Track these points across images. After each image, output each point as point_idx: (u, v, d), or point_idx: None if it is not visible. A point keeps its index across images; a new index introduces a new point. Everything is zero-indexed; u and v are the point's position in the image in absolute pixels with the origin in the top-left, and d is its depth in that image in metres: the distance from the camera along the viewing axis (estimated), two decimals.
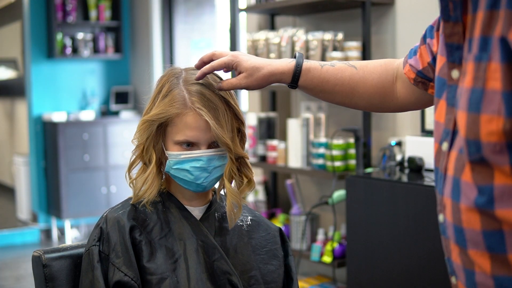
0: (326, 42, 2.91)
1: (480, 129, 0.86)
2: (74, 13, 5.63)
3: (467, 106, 0.89)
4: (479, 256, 0.91)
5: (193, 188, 1.35)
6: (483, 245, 0.90)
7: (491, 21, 0.86)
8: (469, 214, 0.91)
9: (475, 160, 0.89)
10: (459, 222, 0.93)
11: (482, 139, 0.87)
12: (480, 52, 0.88)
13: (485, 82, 0.86)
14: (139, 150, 1.37)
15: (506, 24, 0.83)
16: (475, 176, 0.90)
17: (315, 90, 1.34)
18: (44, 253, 1.37)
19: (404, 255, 2.36)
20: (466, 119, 0.89)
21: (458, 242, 0.95)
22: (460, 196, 0.93)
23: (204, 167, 1.32)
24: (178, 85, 1.34)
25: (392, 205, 2.39)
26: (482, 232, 0.90)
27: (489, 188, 0.88)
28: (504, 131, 0.84)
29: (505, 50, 0.83)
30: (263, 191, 3.46)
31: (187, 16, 5.66)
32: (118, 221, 1.32)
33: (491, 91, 0.85)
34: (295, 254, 3.03)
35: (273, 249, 1.43)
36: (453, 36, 0.97)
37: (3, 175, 7.64)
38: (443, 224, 1.00)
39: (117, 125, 5.62)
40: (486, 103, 0.86)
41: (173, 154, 1.33)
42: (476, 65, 0.88)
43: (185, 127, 1.31)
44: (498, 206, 0.87)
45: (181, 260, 1.32)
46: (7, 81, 7.20)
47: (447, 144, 0.98)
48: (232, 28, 3.37)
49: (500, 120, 0.84)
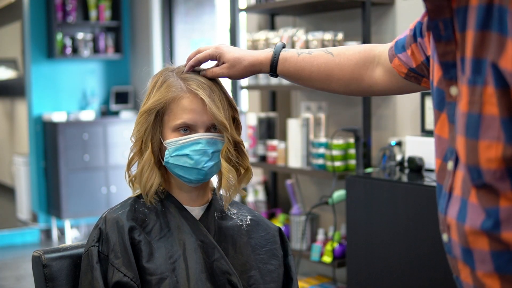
0: (326, 42, 2.91)
1: (479, 156, 0.85)
2: (74, 13, 5.63)
3: (465, 131, 0.87)
4: (487, 277, 0.90)
5: (194, 176, 1.34)
6: (492, 266, 0.88)
7: (483, 43, 0.84)
8: (475, 237, 0.90)
9: (479, 185, 0.88)
10: (466, 244, 0.91)
11: (481, 166, 0.85)
12: (474, 75, 0.85)
13: (481, 106, 0.84)
14: (138, 146, 1.37)
15: (496, 49, 0.80)
16: (480, 199, 0.88)
17: (293, 78, 1.39)
18: (44, 253, 1.37)
19: (404, 255, 2.36)
20: (465, 145, 0.88)
21: (466, 263, 0.93)
22: (466, 218, 0.91)
23: (204, 149, 1.33)
24: (173, 75, 1.38)
25: (392, 205, 2.39)
26: (491, 252, 0.88)
27: (495, 210, 0.86)
28: (504, 158, 0.82)
29: (498, 76, 0.81)
30: (263, 191, 3.46)
31: (187, 16, 5.66)
32: (117, 221, 1.32)
33: (489, 116, 0.83)
34: (295, 254, 3.03)
35: (273, 249, 1.43)
36: (447, 55, 0.95)
37: (3, 175, 7.65)
38: (448, 243, 0.98)
39: (117, 125, 5.62)
40: (484, 129, 0.84)
41: (171, 141, 1.34)
42: (470, 89, 0.86)
43: (182, 111, 1.33)
44: (504, 229, 0.86)
45: (181, 260, 1.32)
46: (7, 81, 7.21)
47: (452, 164, 0.96)
48: (232, 28, 3.37)
49: (500, 146, 0.82)
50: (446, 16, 0.92)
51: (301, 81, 1.39)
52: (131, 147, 1.40)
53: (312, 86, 1.40)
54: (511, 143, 0.81)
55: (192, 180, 1.35)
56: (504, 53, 0.79)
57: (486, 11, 0.83)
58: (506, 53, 0.78)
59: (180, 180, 1.38)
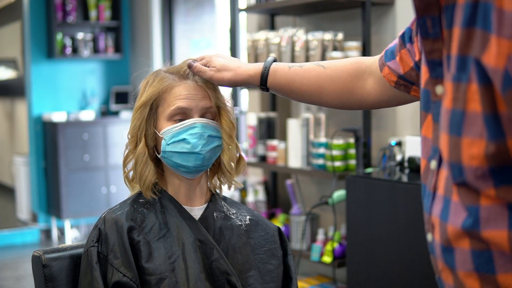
0: (326, 42, 2.91)
1: (462, 153, 0.84)
2: (74, 13, 5.63)
3: (449, 128, 0.87)
4: (468, 277, 0.89)
5: (192, 162, 1.35)
6: (472, 265, 0.88)
7: (468, 41, 0.83)
8: (456, 235, 0.89)
9: (460, 183, 0.87)
10: (447, 243, 0.91)
11: (464, 163, 0.84)
12: (459, 72, 0.85)
13: (465, 103, 0.83)
14: (133, 143, 1.38)
15: (479, 45, 0.80)
16: (461, 197, 0.88)
17: (284, 91, 1.37)
18: (44, 253, 1.37)
19: (404, 255, 2.36)
20: (448, 141, 0.87)
21: (447, 263, 0.93)
22: (448, 217, 0.90)
23: (200, 132, 1.35)
24: (164, 72, 1.41)
25: (392, 205, 2.39)
26: (471, 252, 0.88)
27: (476, 209, 0.86)
28: (486, 155, 0.82)
29: (480, 72, 0.80)
30: (263, 191, 3.46)
31: (187, 16, 5.66)
32: (116, 221, 1.33)
33: (472, 113, 0.82)
34: (295, 254, 3.03)
35: (272, 249, 1.43)
36: (433, 53, 0.94)
37: (3, 175, 7.64)
38: (432, 243, 0.97)
39: (117, 125, 5.62)
40: (468, 125, 0.83)
41: (167, 129, 1.35)
42: (455, 85, 0.86)
43: (176, 98, 1.36)
44: (484, 227, 0.85)
45: (180, 260, 1.32)
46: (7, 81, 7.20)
47: (435, 163, 0.95)
48: (232, 28, 3.37)
49: (482, 143, 0.81)
50: (434, 13, 0.92)
51: (292, 94, 1.37)
52: (126, 144, 1.41)
53: (303, 99, 1.38)
54: (493, 140, 0.80)
55: (191, 167, 1.35)
56: (487, 49, 0.78)
57: (472, 8, 0.82)
58: (489, 49, 0.78)
59: (179, 174, 1.38)
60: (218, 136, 1.38)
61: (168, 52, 5.62)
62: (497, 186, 0.83)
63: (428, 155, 0.99)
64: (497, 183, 0.83)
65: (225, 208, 1.45)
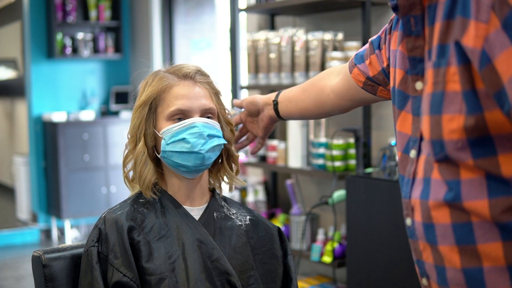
0: (326, 42, 2.91)
1: (442, 129, 0.92)
2: (74, 13, 5.63)
3: (429, 110, 0.95)
4: (448, 250, 0.95)
5: (192, 162, 1.35)
6: (453, 238, 0.94)
7: (448, 30, 0.92)
8: (438, 210, 0.96)
9: (441, 159, 0.94)
10: (429, 219, 0.97)
11: (444, 138, 0.92)
12: (438, 59, 0.93)
13: (445, 85, 0.91)
14: (133, 142, 1.39)
15: (459, 29, 0.89)
16: (442, 173, 0.95)
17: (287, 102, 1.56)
18: (44, 253, 1.37)
19: (404, 255, 2.36)
20: (429, 121, 0.95)
21: (428, 240, 0.98)
22: (429, 194, 0.97)
23: (200, 132, 1.35)
24: (163, 72, 1.41)
25: (392, 205, 2.39)
26: (452, 225, 0.94)
27: (456, 182, 0.93)
28: (465, 128, 0.89)
29: (460, 53, 0.89)
30: (263, 191, 3.46)
31: (187, 16, 5.66)
32: (116, 221, 1.33)
33: (451, 92, 0.91)
34: (295, 254, 3.03)
35: (272, 249, 1.43)
36: (415, 50, 1.02)
37: (3, 175, 7.65)
38: (411, 227, 1.04)
39: (117, 125, 5.62)
40: (447, 104, 0.91)
41: (166, 129, 1.36)
42: (435, 71, 0.93)
43: (175, 98, 1.36)
44: (466, 198, 0.92)
45: (180, 260, 1.32)
46: (7, 81, 7.21)
47: (415, 152, 1.03)
48: (232, 28, 3.37)
49: (461, 118, 0.89)
50: (417, 13, 1.00)
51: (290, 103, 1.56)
52: (126, 144, 1.41)
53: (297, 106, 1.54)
54: (471, 114, 0.88)
55: (190, 166, 1.35)
56: (466, 32, 0.87)
57: (451, 2, 0.92)
58: (468, 32, 0.87)
59: (179, 174, 1.39)
60: (218, 136, 1.38)
61: (168, 52, 5.62)
62: (475, 158, 0.91)
63: (403, 147, 1.07)
64: (475, 155, 0.90)
65: (225, 208, 1.45)
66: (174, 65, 1.44)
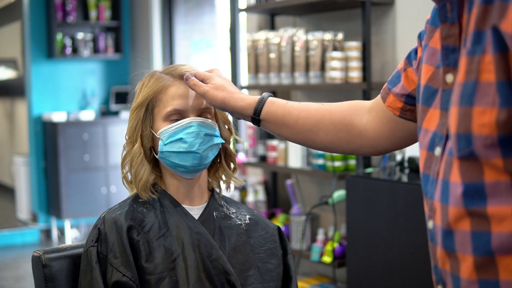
0: (326, 42, 2.91)
1: (472, 122, 0.85)
2: (74, 13, 5.63)
3: (459, 101, 0.88)
4: (465, 260, 0.90)
5: (190, 161, 1.35)
6: (470, 247, 0.89)
7: (485, 15, 0.86)
8: (457, 216, 0.90)
9: (464, 156, 0.88)
10: (448, 226, 0.92)
11: (473, 132, 0.85)
12: (474, 46, 0.87)
13: (478, 74, 0.85)
14: (131, 144, 1.39)
15: (498, 14, 0.83)
16: (463, 173, 0.89)
17: (277, 124, 1.29)
18: (44, 253, 1.37)
19: (404, 255, 2.36)
20: (457, 113, 0.88)
21: (446, 247, 0.94)
22: (449, 198, 0.92)
23: (197, 131, 1.35)
24: (159, 73, 1.42)
25: (392, 205, 2.39)
26: (471, 232, 0.89)
27: (480, 185, 0.87)
28: (496, 123, 0.83)
29: (497, 40, 0.83)
30: (263, 191, 3.46)
31: (187, 16, 5.66)
32: (115, 221, 1.33)
33: (485, 83, 0.84)
34: (295, 254, 3.03)
35: (272, 248, 1.43)
36: (448, 38, 0.96)
37: (3, 175, 7.64)
38: (432, 230, 0.98)
39: (117, 125, 5.62)
40: (480, 95, 0.85)
41: (163, 129, 1.36)
42: (469, 59, 0.87)
43: (171, 98, 1.36)
44: (490, 203, 0.86)
45: (180, 260, 1.32)
46: (7, 81, 7.20)
47: (440, 149, 0.97)
48: (232, 28, 3.37)
49: (494, 111, 0.83)
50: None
51: (286, 129, 1.28)
52: (124, 145, 1.42)
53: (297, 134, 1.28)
54: (505, 107, 0.82)
55: (188, 166, 1.35)
56: (506, 17, 0.81)
57: None
58: (507, 16, 0.81)
59: (177, 174, 1.39)
60: (215, 135, 1.38)
61: (168, 52, 5.62)
62: (505, 157, 0.84)
63: (428, 145, 1.00)
64: (506, 153, 0.84)
65: (224, 208, 1.45)
66: (169, 66, 1.44)
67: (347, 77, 2.86)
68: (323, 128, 1.26)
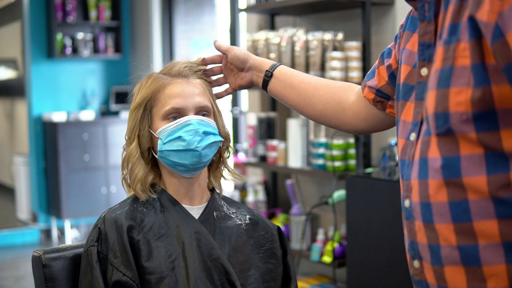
0: (326, 42, 2.91)
1: (449, 101, 0.95)
2: (74, 13, 5.63)
3: (437, 84, 0.97)
4: (444, 228, 0.98)
5: (189, 160, 1.35)
6: (449, 216, 0.97)
7: (460, 10, 0.95)
8: (436, 188, 0.98)
9: (442, 132, 0.97)
10: (427, 198, 1.00)
11: (450, 110, 0.95)
12: (449, 37, 0.97)
13: (454, 60, 0.95)
14: (129, 145, 1.40)
15: (474, 5, 0.92)
16: (441, 148, 0.98)
17: (285, 83, 1.44)
18: (44, 253, 1.37)
19: (404, 255, 2.35)
20: (435, 95, 0.97)
21: (424, 220, 1.02)
22: (428, 173, 1.00)
23: (195, 129, 1.35)
24: (157, 74, 1.43)
25: (392, 205, 2.39)
26: (449, 203, 0.97)
27: (456, 158, 0.96)
28: (472, 101, 0.92)
29: (473, 28, 0.92)
30: (263, 191, 3.46)
31: (187, 16, 5.66)
32: (116, 221, 1.33)
33: (460, 67, 0.94)
34: (295, 254, 3.04)
35: (272, 248, 1.43)
36: (425, 35, 1.06)
37: (3, 175, 7.64)
38: (408, 208, 1.07)
39: (117, 125, 5.62)
40: (455, 77, 0.94)
41: (162, 129, 1.36)
42: (445, 48, 0.97)
43: (169, 97, 1.37)
44: (465, 174, 0.95)
45: (180, 259, 1.32)
46: (7, 81, 7.20)
47: (415, 134, 1.06)
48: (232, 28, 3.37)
49: (469, 90, 0.92)
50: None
51: (290, 88, 1.44)
52: (123, 146, 1.42)
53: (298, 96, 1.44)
54: (479, 86, 0.92)
55: (188, 165, 1.35)
56: (481, 7, 0.90)
57: None
58: (483, 7, 0.90)
59: (177, 173, 1.39)
60: (214, 133, 1.38)
61: (168, 52, 5.62)
62: (478, 131, 0.93)
63: (405, 134, 1.10)
64: (478, 128, 0.93)
65: (225, 208, 1.45)
66: (166, 65, 1.45)
67: (347, 77, 2.86)
68: (317, 97, 1.42)
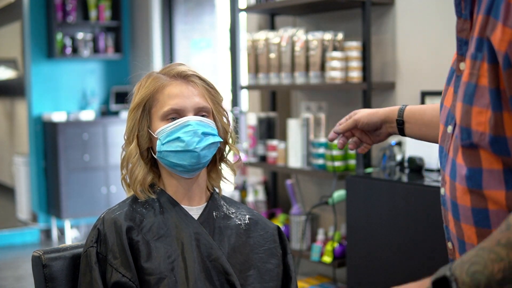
0: (326, 42, 2.91)
1: (471, 119, 0.99)
2: (74, 13, 5.63)
3: (463, 98, 1.01)
4: (467, 229, 1.05)
5: (188, 160, 1.35)
6: (472, 220, 1.03)
7: (486, 24, 0.97)
8: (462, 193, 1.04)
9: (466, 145, 1.01)
10: (455, 198, 1.06)
11: (472, 127, 0.99)
12: (476, 51, 0.99)
13: (478, 78, 0.98)
14: (129, 145, 1.40)
15: (491, 27, 0.95)
16: (465, 159, 1.02)
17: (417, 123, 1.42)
18: (44, 253, 1.37)
19: (404, 255, 2.36)
20: (461, 109, 1.02)
21: (453, 215, 1.08)
22: (456, 176, 1.05)
23: (194, 130, 1.34)
24: (157, 73, 1.42)
25: (392, 205, 2.39)
26: (472, 208, 1.03)
27: (478, 170, 1.00)
28: (489, 123, 0.96)
29: (490, 51, 0.95)
30: (263, 191, 3.46)
31: (187, 16, 5.66)
32: (115, 222, 1.33)
33: (482, 87, 0.97)
34: (295, 254, 3.03)
35: (272, 248, 1.43)
36: (462, 32, 1.07)
37: (3, 175, 7.64)
38: (444, 197, 1.12)
39: (117, 125, 5.62)
40: (478, 97, 0.98)
41: (161, 129, 1.36)
42: (472, 62, 1.00)
43: (168, 98, 1.36)
44: (486, 187, 1.00)
45: (179, 260, 1.32)
46: (7, 81, 7.20)
47: (451, 128, 1.10)
48: (232, 28, 3.37)
49: (488, 113, 0.96)
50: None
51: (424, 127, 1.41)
52: (122, 146, 1.42)
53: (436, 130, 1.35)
54: (495, 111, 0.95)
55: (187, 165, 1.35)
56: (495, 32, 0.94)
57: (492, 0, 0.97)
58: (495, 33, 0.93)
59: (176, 174, 1.38)
60: (213, 134, 1.38)
61: (168, 52, 5.61)
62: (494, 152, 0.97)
63: (445, 120, 1.13)
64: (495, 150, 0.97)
65: (224, 208, 1.45)
66: (166, 66, 1.44)
67: (347, 77, 2.86)
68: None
